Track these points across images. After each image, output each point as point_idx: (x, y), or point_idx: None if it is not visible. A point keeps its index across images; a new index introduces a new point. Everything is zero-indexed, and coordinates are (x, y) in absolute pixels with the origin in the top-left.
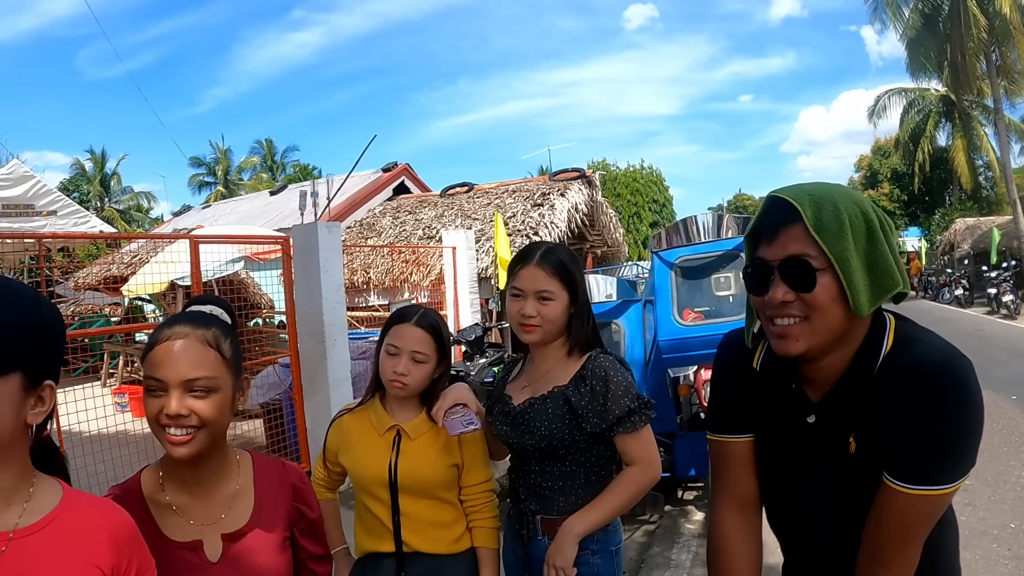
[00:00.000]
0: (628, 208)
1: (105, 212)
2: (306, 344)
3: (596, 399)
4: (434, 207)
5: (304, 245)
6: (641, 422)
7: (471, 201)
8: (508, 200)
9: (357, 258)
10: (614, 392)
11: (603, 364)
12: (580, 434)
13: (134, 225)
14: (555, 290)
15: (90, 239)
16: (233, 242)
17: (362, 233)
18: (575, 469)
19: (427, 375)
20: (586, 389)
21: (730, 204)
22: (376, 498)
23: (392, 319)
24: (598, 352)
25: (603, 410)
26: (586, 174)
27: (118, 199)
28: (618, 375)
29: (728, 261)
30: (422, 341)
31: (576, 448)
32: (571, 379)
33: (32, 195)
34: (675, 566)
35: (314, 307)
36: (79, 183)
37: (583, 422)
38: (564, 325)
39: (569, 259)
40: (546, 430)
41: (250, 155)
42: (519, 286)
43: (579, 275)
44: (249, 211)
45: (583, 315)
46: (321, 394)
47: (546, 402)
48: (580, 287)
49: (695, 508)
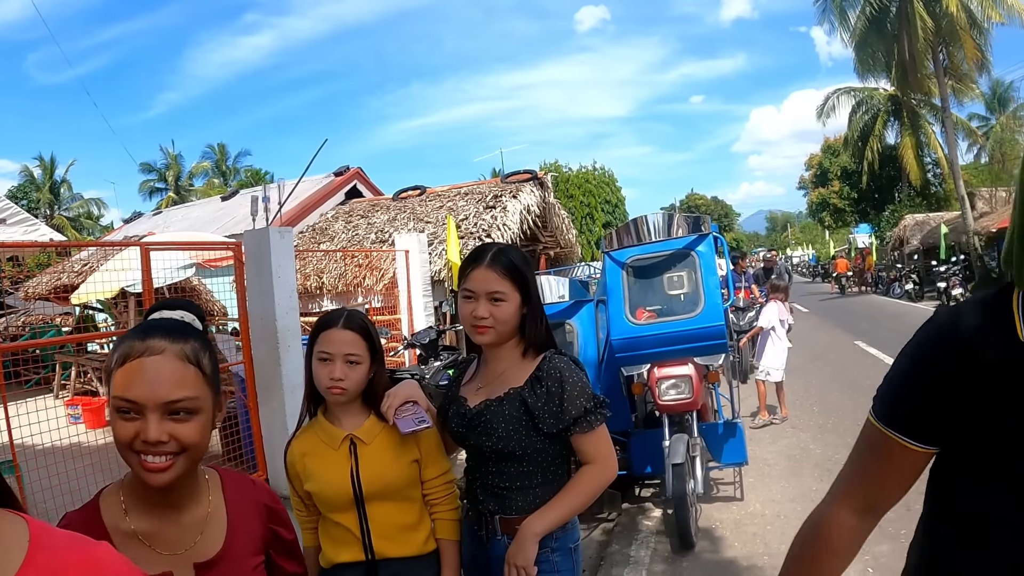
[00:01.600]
0: (581, 209)
1: (55, 220)
2: (259, 350)
3: (552, 400)
4: (387, 211)
5: (256, 251)
6: (597, 421)
7: (423, 204)
8: (460, 203)
9: (310, 263)
10: (570, 393)
11: (558, 365)
12: (537, 435)
13: (84, 233)
14: (507, 291)
15: (40, 247)
16: (184, 248)
17: (315, 238)
18: (532, 469)
19: (363, 376)
20: (542, 390)
21: (683, 204)
22: (343, 512)
23: (318, 326)
24: (552, 353)
25: (559, 411)
26: (538, 176)
27: (68, 206)
28: (573, 375)
29: (679, 260)
30: (353, 343)
31: (533, 449)
32: (527, 380)
33: None
34: (634, 562)
35: (267, 313)
36: (28, 190)
37: (540, 423)
38: (517, 326)
39: (520, 260)
40: (503, 432)
41: (202, 160)
42: (471, 288)
43: (531, 276)
44: (201, 217)
45: (536, 316)
46: (276, 400)
47: (502, 404)
48: (532, 288)
49: (652, 505)
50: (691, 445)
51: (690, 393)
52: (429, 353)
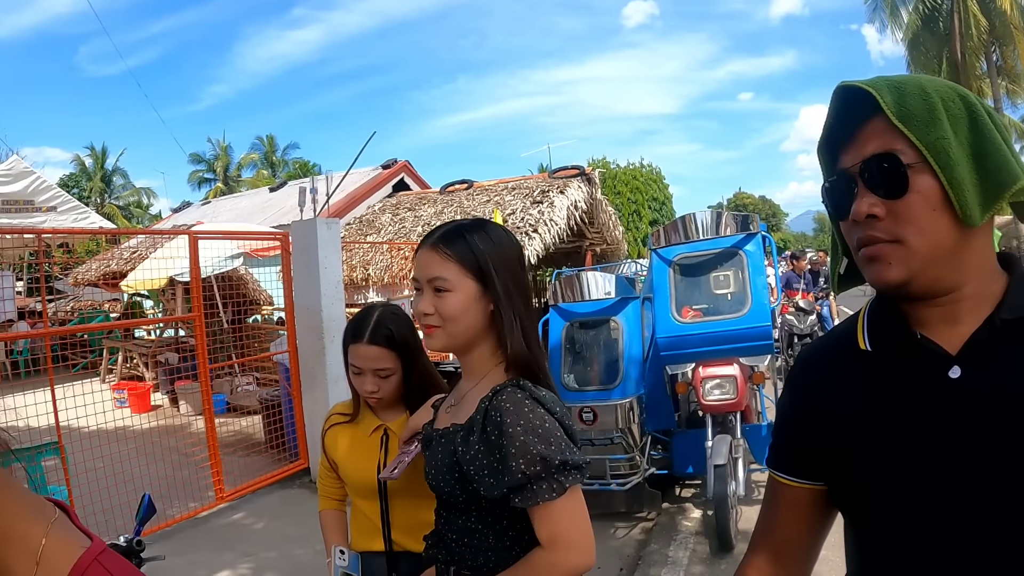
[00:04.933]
0: (628, 206)
1: (105, 208)
2: (305, 341)
3: (490, 453)
4: (433, 204)
5: (303, 241)
6: (546, 493)
7: (471, 198)
8: (508, 197)
9: (356, 255)
10: (506, 449)
11: (503, 403)
12: (474, 493)
13: (134, 221)
14: (452, 278)
15: (90, 235)
16: (232, 238)
17: (361, 230)
18: (481, 528)
19: (396, 385)
20: (476, 438)
21: (730, 203)
22: (367, 499)
23: (348, 332)
24: (510, 384)
25: (497, 470)
26: (586, 172)
27: (118, 195)
28: (520, 423)
29: (726, 259)
30: (380, 357)
31: (475, 505)
32: (468, 419)
33: (32, 191)
34: (672, 563)
35: (313, 303)
36: (79, 179)
37: (473, 482)
38: (483, 329)
39: (481, 240)
40: (433, 478)
41: (250, 151)
42: (415, 275)
43: (498, 261)
44: (249, 207)
45: (510, 318)
46: (319, 390)
47: (440, 442)
48: (498, 277)
49: (692, 506)
50: (734, 446)
51: (734, 394)
52: None
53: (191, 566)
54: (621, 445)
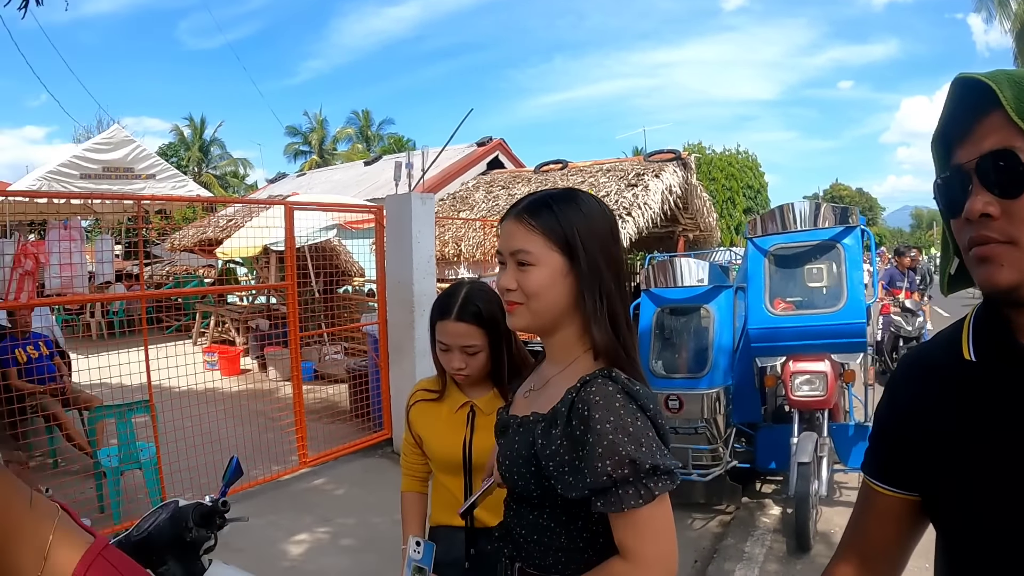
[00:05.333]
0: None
1: (202, 177)
2: (395, 313)
3: (572, 450)
4: (527, 183)
5: (397, 215)
6: (632, 499)
7: (565, 179)
8: (602, 179)
9: (449, 230)
10: (592, 448)
11: (593, 396)
12: (551, 489)
13: (230, 190)
14: (536, 251)
15: (187, 202)
16: (328, 210)
17: (455, 206)
18: (553, 526)
19: (483, 362)
20: (558, 432)
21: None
22: (451, 475)
23: (436, 309)
24: (602, 374)
25: (578, 469)
26: (682, 156)
27: (215, 165)
28: (608, 419)
29: (823, 252)
30: (468, 335)
31: (550, 501)
32: (551, 408)
33: (132, 159)
34: (748, 559)
35: (404, 277)
36: (178, 149)
37: (551, 478)
38: (567, 307)
39: (568, 210)
40: (507, 469)
41: (346, 125)
42: (498, 247)
43: (585, 233)
44: (343, 180)
45: (595, 299)
46: (407, 363)
47: (518, 431)
48: (584, 253)
49: (772, 502)
50: (819, 445)
51: (824, 391)
52: None
53: (270, 527)
54: (705, 435)
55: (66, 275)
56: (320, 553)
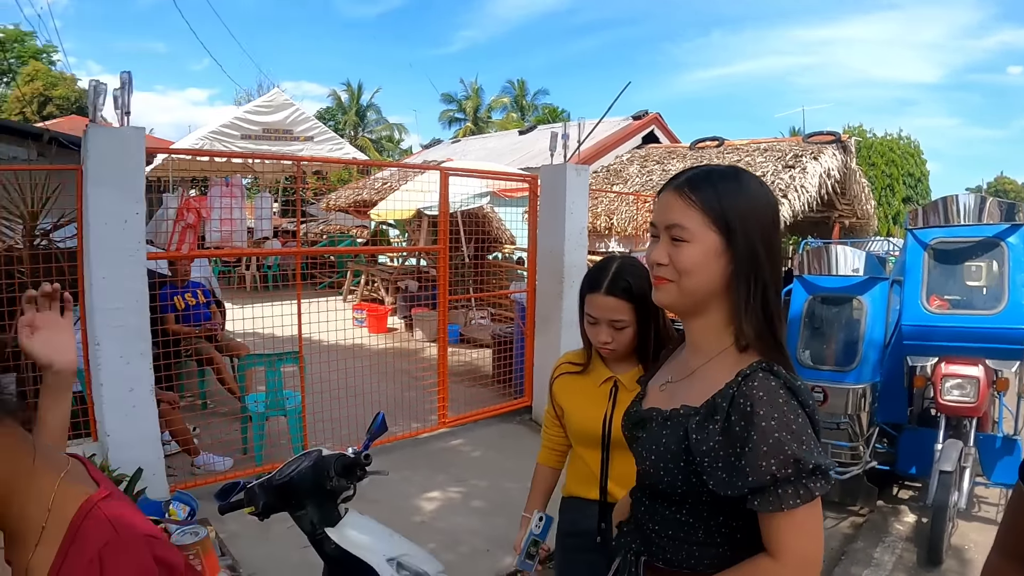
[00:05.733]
0: (881, 179)
1: (358, 141)
2: (544, 283)
3: (730, 446)
4: (682, 159)
5: (552, 185)
6: (793, 499)
7: (721, 156)
8: (759, 159)
9: (601, 203)
10: (756, 445)
11: (755, 391)
12: (700, 485)
13: (384, 154)
14: (692, 227)
15: (344, 164)
16: (482, 177)
17: (608, 179)
18: (692, 522)
19: (630, 338)
20: (716, 427)
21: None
22: (589, 448)
23: (587, 281)
24: (762, 366)
25: (736, 465)
26: (842, 139)
27: (371, 129)
28: (772, 416)
29: (986, 249)
30: (617, 309)
31: (694, 496)
32: (705, 402)
33: (291, 121)
34: (876, 565)
35: (556, 247)
36: (335, 113)
37: (704, 474)
38: (717, 290)
39: (732, 189)
40: (650, 465)
41: (501, 94)
42: (652, 219)
43: (746, 215)
44: (497, 148)
45: (748, 281)
46: (553, 332)
47: (665, 425)
48: (746, 234)
49: (907, 509)
50: (964, 454)
51: (975, 397)
52: None
53: (404, 482)
54: (847, 432)
55: (226, 229)
56: (451, 512)
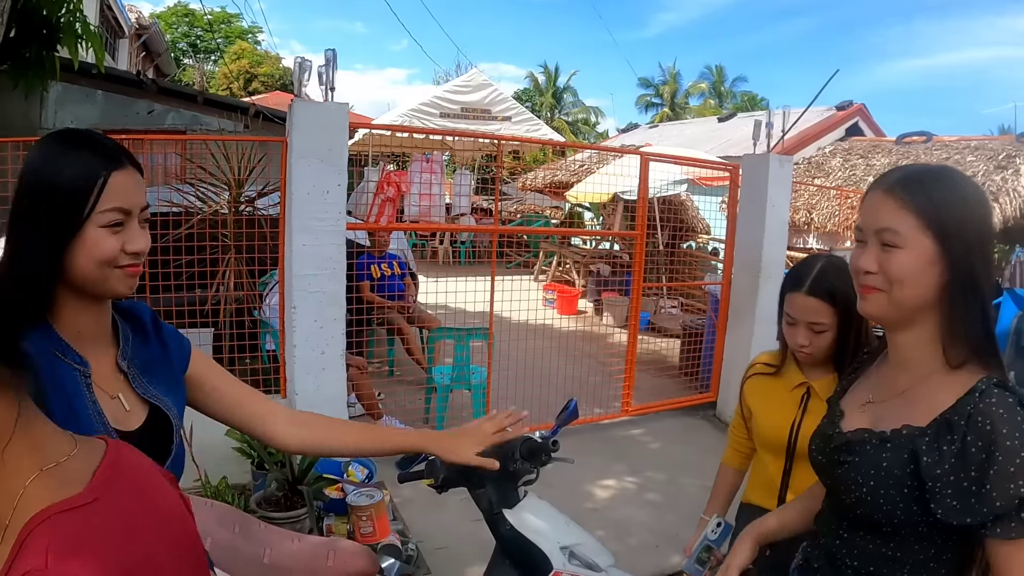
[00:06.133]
0: None
1: (555, 123)
2: (740, 276)
3: (966, 468)
4: (888, 154)
5: (753, 176)
6: None
7: (928, 153)
8: (969, 157)
9: (801, 197)
10: (1002, 466)
11: (994, 410)
12: (922, 514)
13: (580, 137)
14: (905, 231)
15: (541, 145)
16: (682, 163)
17: (809, 171)
18: (899, 556)
19: (829, 343)
20: (953, 447)
21: None
22: (773, 455)
23: (785, 283)
24: (995, 382)
25: (974, 492)
26: None
27: (567, 111)
28: (1015, 435)
29: None
30: (818, 311)
31: (910, 528)
32: (933, 421)
33: (489, 101)
34: None
35: (754, 240)
36: (532, 94)
37: (932, 500)
38: (929, 301)
39: (948, 191)
40: (867, 492)
41: (699, 80)
42: (859, 222)
43: (964, 220)
44: (695, 135)
45: (967, 287)
46: (745, 328)
47: (883, 447)
48: (964, 242)
49: None
50: None
51: None
52: None
53: (580, 468)
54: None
55: (424, 204)
56: (624, 502)
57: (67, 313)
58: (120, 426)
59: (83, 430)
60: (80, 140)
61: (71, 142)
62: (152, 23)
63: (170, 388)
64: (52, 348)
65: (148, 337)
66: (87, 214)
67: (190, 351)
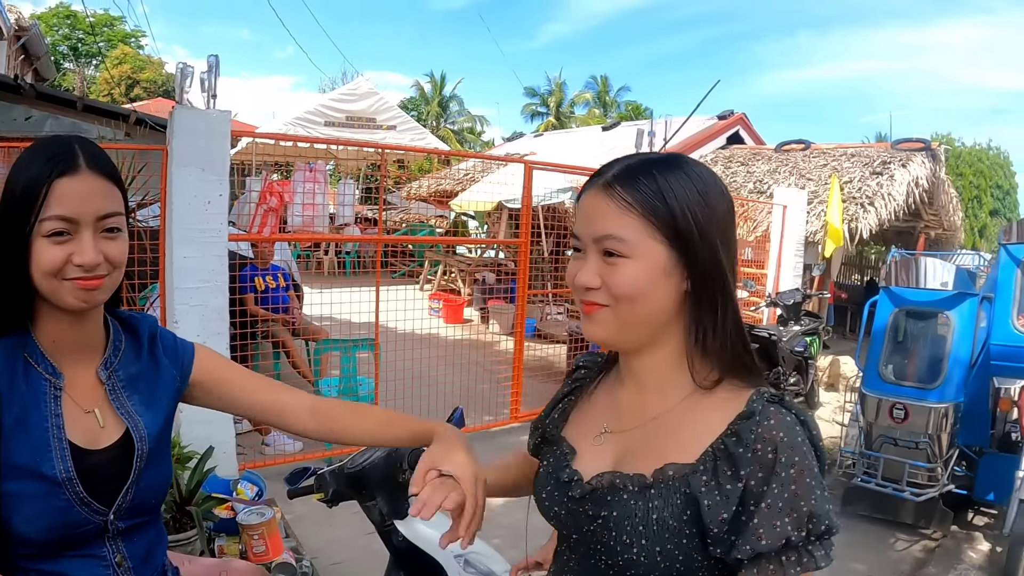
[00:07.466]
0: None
1: (440, 132)
2: None
3: (735, 501)
4: (767, 161)
5: None
6: (793, 568)
7: (807, 160)
8: (846, 164)
9: None
10: (774, 499)
11: (772, 432)
12: (703, 558)
13: (466, 146)
14: (630, 238)
15: (426, 154)
16: (566, 171)
17: None
18: None
19: None
20: (735, 486)
21: None
22: None
23: None
24: (767, 397)
25: (742, 524)
26: (931, 147)
27: (453, 120)
28: (793, 461)
29: None
30: None
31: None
32: (704, 454)
33: (374, 110)
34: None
35: None
36: (418, 103)
37: (711, 539)
38: (669, 316)
39: (680, 183)
40: (638, 551)
41: (584, 90)
42: (575, 231)
43: (704, 217)
44: (580, 144)
45: (713, 299)
46: None
47: (645, 495)
48: (705, 242)
49: (983, 536)
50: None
51: None
52: (790, 315)
53: None
54: (925, 452)
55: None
56: (518, 508)
57: (43, 322)
58: (87, 444)
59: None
60: (44, 146)
61: (38, 148)
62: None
63: (150, 405)
64: (25, 355)
65: (141, 352)
66: (33, 223)
67: (192, 360)
